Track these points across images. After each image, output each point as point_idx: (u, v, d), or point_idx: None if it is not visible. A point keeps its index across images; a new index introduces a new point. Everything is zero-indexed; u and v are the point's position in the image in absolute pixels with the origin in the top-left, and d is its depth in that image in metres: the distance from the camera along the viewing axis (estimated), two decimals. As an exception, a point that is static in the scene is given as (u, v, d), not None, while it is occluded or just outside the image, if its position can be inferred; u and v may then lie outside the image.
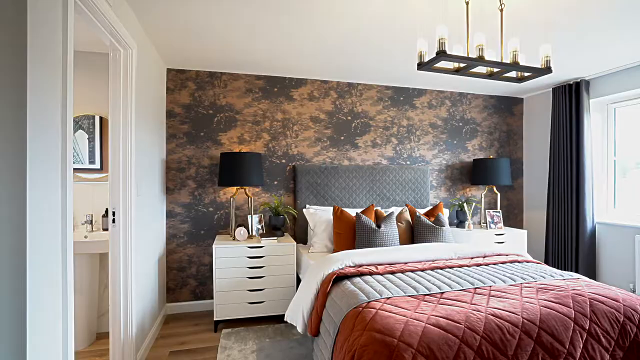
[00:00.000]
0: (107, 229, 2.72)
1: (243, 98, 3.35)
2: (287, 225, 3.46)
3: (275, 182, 3.42)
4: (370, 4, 2.04)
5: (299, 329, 2.16)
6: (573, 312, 1.62)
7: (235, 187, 3.30)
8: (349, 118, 3.62)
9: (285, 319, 2.36)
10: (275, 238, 2.95)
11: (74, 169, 2.73)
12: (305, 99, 3.50)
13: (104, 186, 2.79)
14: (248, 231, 3.15)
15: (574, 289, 1.80)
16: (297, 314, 2.21)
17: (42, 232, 1.16)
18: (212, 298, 3.27)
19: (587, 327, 1.58)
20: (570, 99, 3.51)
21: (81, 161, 2.75)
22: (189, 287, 3.22)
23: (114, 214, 2.07)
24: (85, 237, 2.58)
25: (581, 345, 1.54)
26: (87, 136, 2.76)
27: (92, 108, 2.78)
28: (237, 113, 3.33)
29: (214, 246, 2.76)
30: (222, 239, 3.02)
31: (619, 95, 3.26)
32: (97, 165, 2.79)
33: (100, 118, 2.79)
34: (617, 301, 1.70)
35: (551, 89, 3.81)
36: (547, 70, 1.86)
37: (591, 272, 3.40)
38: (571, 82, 3.51)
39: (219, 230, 3.29)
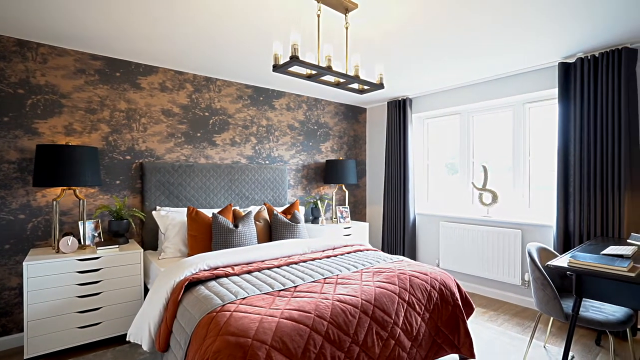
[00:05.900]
0: None
1: (72, 80, 2.75)
2: (132, 230, 3.03)
3: (118, 182, 2.95)
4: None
5: (145, 346, 1.92)
6: (398, 288, 1.96)
7: (60, 188, 2.68)
8: (207, 114, 3.44)
9: (127, 339, 2.06)
10: (117, 246, 2.55)
11: None
12: (156, 89, 3.14)
13: None
14: (79, 241, 2.61)
15: (399, 270, 2.18)
16: (142, 330, 1.96)
17: None
18: (21, 331, 2.57)
19: (407, 299, 1.94)
20: (399, 112, 4.26)
21: None
22: (-14, 319, 2.45)
23: None
24: None
25: (403, 314, 1.88)
26: None
27: None
28: (64, 97, 2.72)
29: (24, 263, 2.18)
30: (40, 252, 2.42)
31: (430, 112, 4.15)
32: None
33: None
34: (426, 275, 2.16)
35: (386, 102, 4.54)
36: (380, 85, 2.19)
37: (413, 254, 4.22)
38: (400, 99, 4.26)
39: (35, 243, 2.62)
